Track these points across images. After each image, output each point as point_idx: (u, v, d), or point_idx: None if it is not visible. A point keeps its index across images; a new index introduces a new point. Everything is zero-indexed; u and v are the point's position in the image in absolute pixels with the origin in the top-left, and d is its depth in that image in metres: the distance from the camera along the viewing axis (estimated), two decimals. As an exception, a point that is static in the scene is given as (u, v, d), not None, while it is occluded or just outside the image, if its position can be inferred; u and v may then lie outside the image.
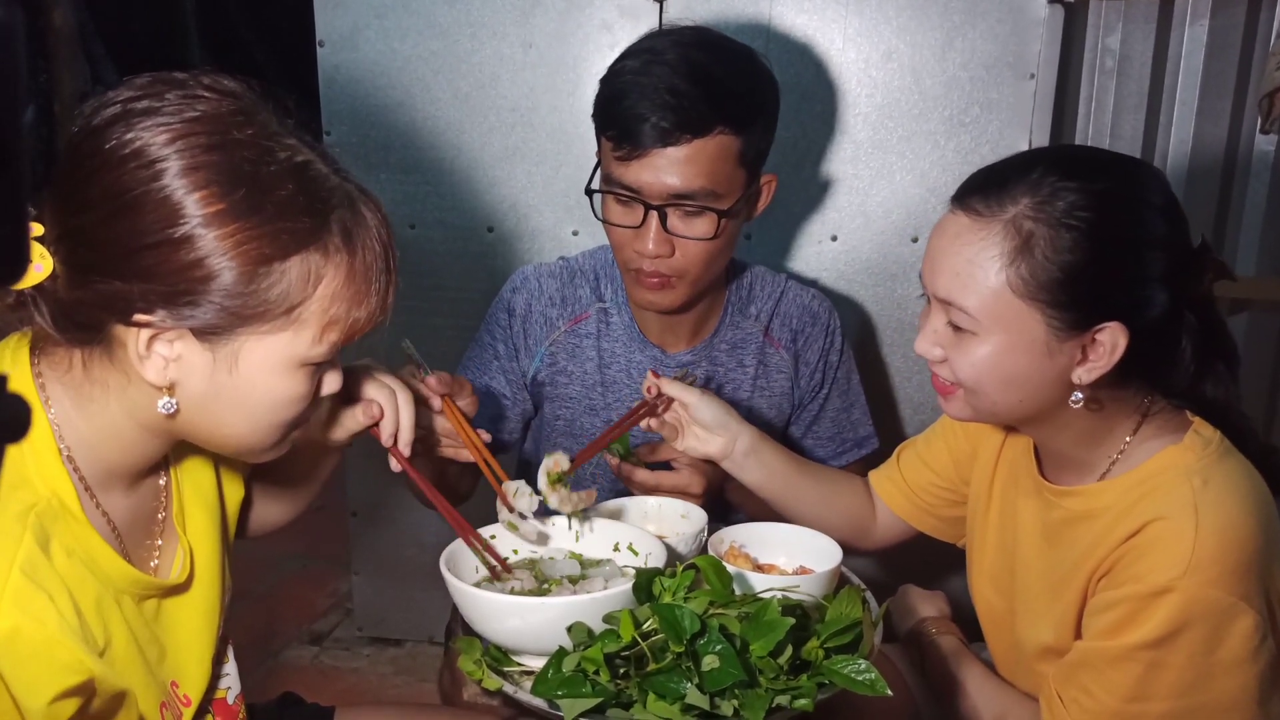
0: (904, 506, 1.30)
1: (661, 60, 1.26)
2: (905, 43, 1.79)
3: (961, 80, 1.79)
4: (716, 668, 0.87)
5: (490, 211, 1.98)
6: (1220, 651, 0.91)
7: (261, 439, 0.88)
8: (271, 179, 0.79)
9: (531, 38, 1.88)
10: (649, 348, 1.48)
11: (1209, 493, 0.94)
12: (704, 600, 0.93)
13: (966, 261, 0.95)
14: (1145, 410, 1.01)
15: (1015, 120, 1.79)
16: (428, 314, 2.04)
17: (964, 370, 0.98)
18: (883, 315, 1.92)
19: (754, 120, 1.31)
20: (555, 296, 1.49)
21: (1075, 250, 0.91)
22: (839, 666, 0.90)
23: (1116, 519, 0.98)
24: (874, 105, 1.83)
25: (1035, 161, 0.96)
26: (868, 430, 1.58)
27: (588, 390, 1.48)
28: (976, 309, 0.95)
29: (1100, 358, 0.94)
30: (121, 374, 0.82)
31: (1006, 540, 1.13)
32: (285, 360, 0.83)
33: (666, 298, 1.36)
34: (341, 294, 0.83)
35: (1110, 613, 0.96)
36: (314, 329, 0.83)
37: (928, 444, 1.29)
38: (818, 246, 1.90)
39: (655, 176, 1.26)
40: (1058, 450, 1.06)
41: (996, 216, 0.94)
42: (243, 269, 0.78)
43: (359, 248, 0.84)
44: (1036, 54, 1.76)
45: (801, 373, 1.52)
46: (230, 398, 0.83)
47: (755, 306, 1.52)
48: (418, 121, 1.95)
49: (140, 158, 0.76)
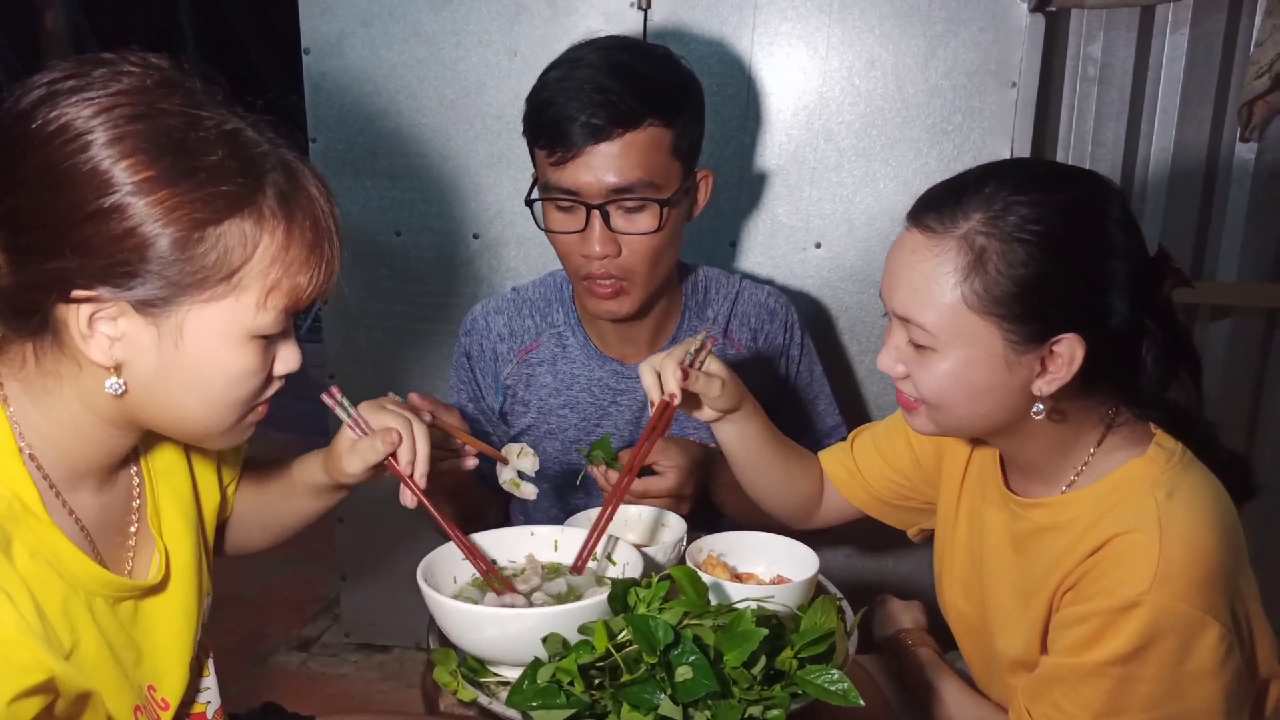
0: (852, 490, 1.30)
1: (585, 64, 1.28)
2: (888, 51, 1.80)
3: (944, 88, 1.80)
4: (690, 678, 0.87)
5: (476, 218, 1.98)
6: (1189, 663, 0.92)
7: (218, 419, 0.86)
8: (200, 144, 0.78)
9: (517, 45, 1.89)
10: (608, 362, 1.48)
11: (1173, 505, 0.94)
12: (679, 611, 0.93)
13: (922, 278, 0.95)
14: (1109, 421, 1.02)
15: (997, 128, 1.80)
16: (414, 320, 2.06)
17: (926, 386, 0.99)
18: (866, 322, 1.93)
19: (681, 110, 1.32)
20: (503, 332, 1.51)
21: (1028, 264, 0.92)
22: (812, 676, 0.91)
23: (1082, 532, 0.99)
24: (857, 113, 1.84)
25: (988, 177, 0.96)
26: (835, 420, 1.58)
27: (544, 416, 1.49)
28: (934, 325, 0.95)
29: (1059, 369, 0.94)
30: (72, 362, 0.82)
31: (975, 550, 1.14)
32: (231, 331, 0.82)
33: (621, 305, 1.36)
34: (281, 258, 0.82)
35: (1078, 628, 0.96)
36: (256, 295, 0.81)
37: (887, 435, 1.29)
38: (802, 254, 1.91)
39: (592, 175, 1.27)
40: (1023, 462, 1.07)
41: (950, 233, 0.94)
42: (177, 235, 0.77)
43: (296, 212, 0.83)
44: (1018, 62, 1.77)
45: (764, 370, 1.53)
46: (180, 376, 0.82)
47: (712, 309, 1.52)
48: (404, 128, 1.95)
49: (66, 132, 0.75)
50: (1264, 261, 2.03)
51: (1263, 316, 2.08)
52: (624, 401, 1.49)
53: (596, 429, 1.48)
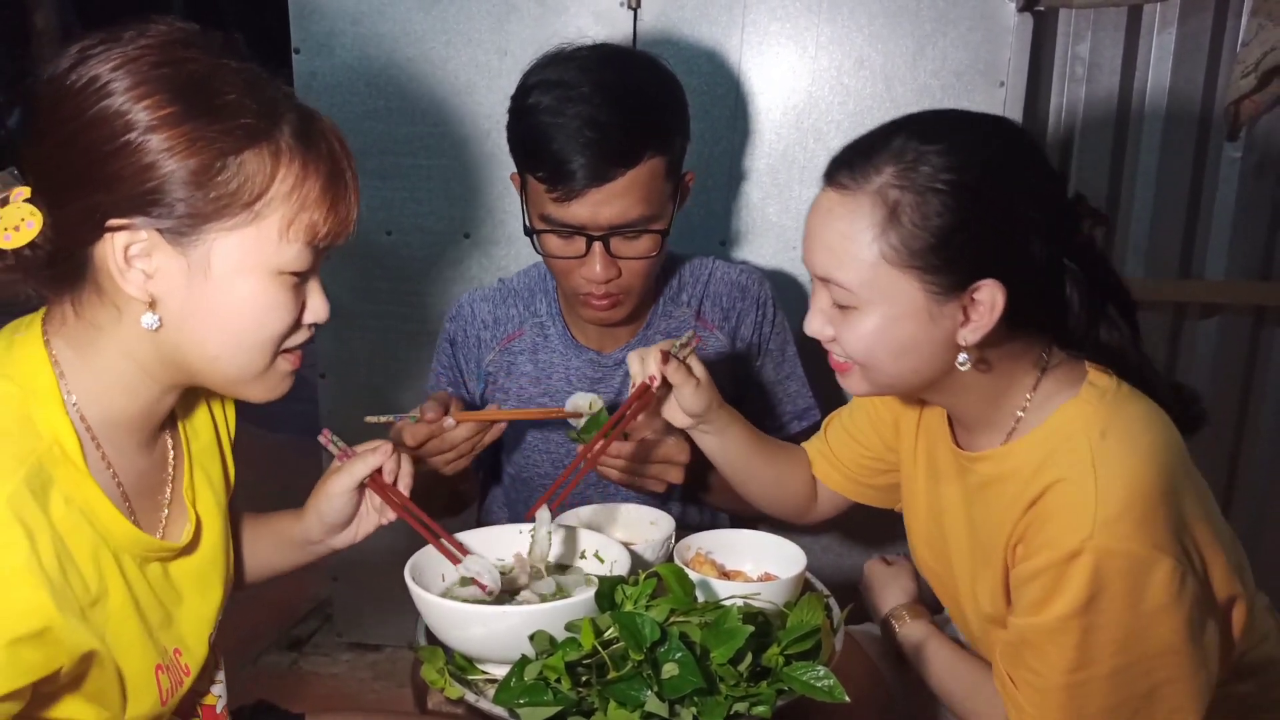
0: (836, 480, 1.30)
1: (575, 94, 1.27)
2: (877, 50, 1.81)
3: (933, 88, 1.81)
4: (676, 675, 0.88)
5: (467, 218, 1.98)
6: (1146, 602, 0.92)
7: (250, 359, 0.90)
8: (219, 85, 0.84)
9: (507, 45, 1.89)
10: (585, 352, 1.50)
11: (1106, 445, 0.94)
12: (665, 608, 0.94)
13: (840, 236, 0.95)
14: (1044, 365, 1.01)
15: (986, 127, 1.80)
16: (405, 319, 2.05)
17: (853, 345, 0.98)
18: (857, 320, 1.93)
19: (674, 134, 1.33)
20: (487, 319, 1.53)
21: (943, 214, 0.91)
22: (798, 673, 0.91)
23: (1024, 482, 0.98)
24: (846, 112, 1.84)
25: (897, 130, 0.96)
26: (808, 401, 1.58)
27: (525, 404, 1.51)
28: (854, 283, 0.95)
29: (981, 316, 0.94)
30: (111, 308, 0.86)
31: (934, 509, 1.14)
32: (257, 262, 0.86)
33: (617, 313, 1.40)
34: (298, 190, 0.86)
35: (1032, 585, 0.96)
36: (276, 225, 0.86)
37: (851, 415, 1.29)
38: (792, 252, 1.91)
39: (594, 211, 1.28)
40: (964, 415, 1.06)
41: (863, 189, 0.94)
42: (199, 163, 0.82)
43: (311, 150, 0.87)
44: (1007, 62, 1.78)
45: (738, 349, 1.53)
46: (211, 308, 0.86)
47: (686, 293, 1.53)
48: (394, 128, 1.95)
49: (94, 84, 0.81)
50: (1251, 259, 2.04)
51: (1250, 314, 2.09)
52: (600, 390, 1.50)
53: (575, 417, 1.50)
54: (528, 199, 1.36)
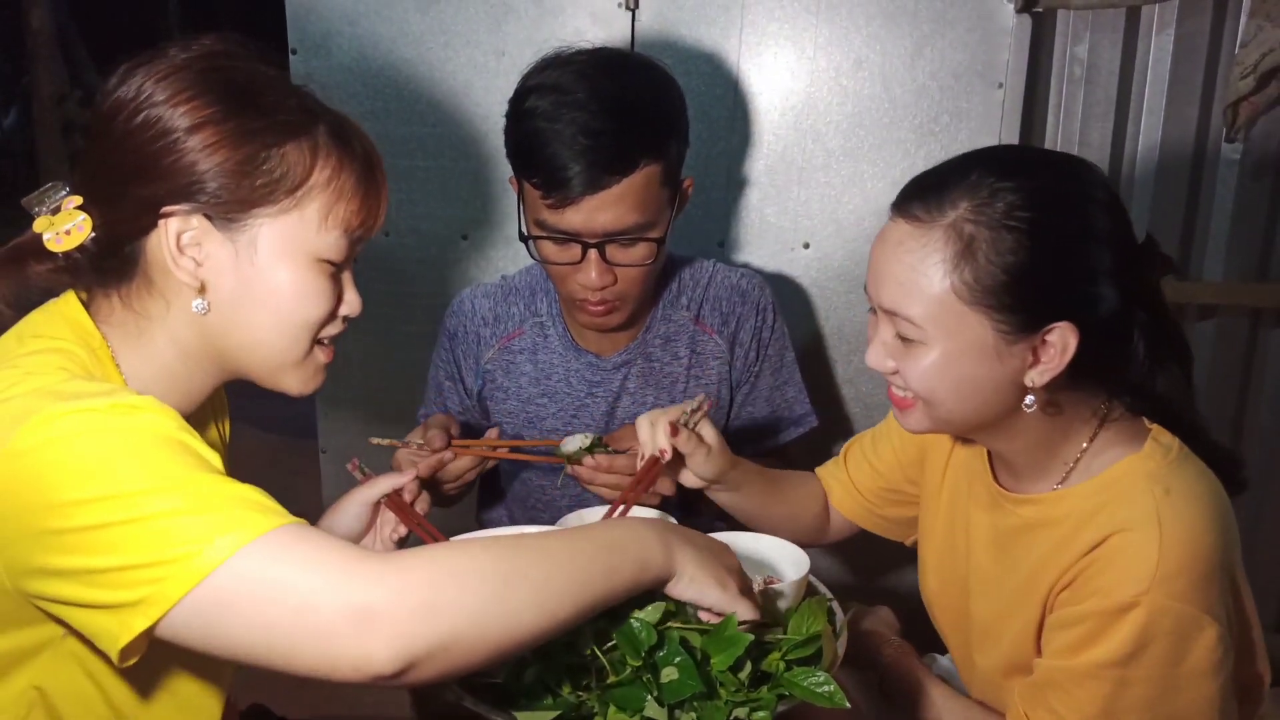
0: (850, 507, 1.30)
1: (571, 100, 1.26)
2: (875, 51, 1.80)
3: (931, 89, 1.80)
4: (675, 679, 0.88)
5: (465, 220, 1.98)
6: (1186, 664, 0.91)
7: (290, 344, 0.95)
8: (260, 87, 0.91)
9: (504, 45, 1.88)
10: (584, 355, 1.50)
11: (1172, 503, 0.93)
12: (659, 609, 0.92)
13: (909, 269, 0.94)
14: (1103, 416, 1.01)
15: (984, 128, 1.80)
16: (402, 322, 2.04)
17: (916, 381, 0.97)
18: (855, 322, 1.93)
19: (671, 141, 1.32)
20: (488, 316, 1.52)
21: (1018, 251, 0.90)
22: (799, 679, 0.90)
23: (1075, 529, 0.97)
24: (845, 113, 1.84)
25: (972, 164, 0.95)
26: (804, 408, 1.57)
27: (524, 404, 1.50)
28: (922, 318, 0.94)
29: (1051, 359, 0.93)
30: (160, 299, 0.92)
31: (958, 546, 1.14)
32: (298, 248, 0.92)
33: (613, 319, 1.40)
34: (335, 183, 0.93)
35: (1074, 629, 0.95)
36: (316, 213, 0.92)
37: (874, 444, 1.29)
38: (790, 254, 1.91)
39: (589, 219, 1.27)
40: (1013, 457, 1.05)
41: (936, 222, 0.93)
42: (246, 153, 0.89)
43: (347, 147, 0.95)
44: (1005, 63, 1.78)
45: (736, 354, 1.52)
46: (256, 292, 0.92)
47: (685, 296, 1.52)
48: (391, 129, 1.94)
49: (141, 93, 0.88)
50: (1249, 261, 2.03)
51: (1248, 316, 2.09)
52: (599, 394, 1.49)
53: (573, 420, 1.50)
54: (524, 203, 1.35)
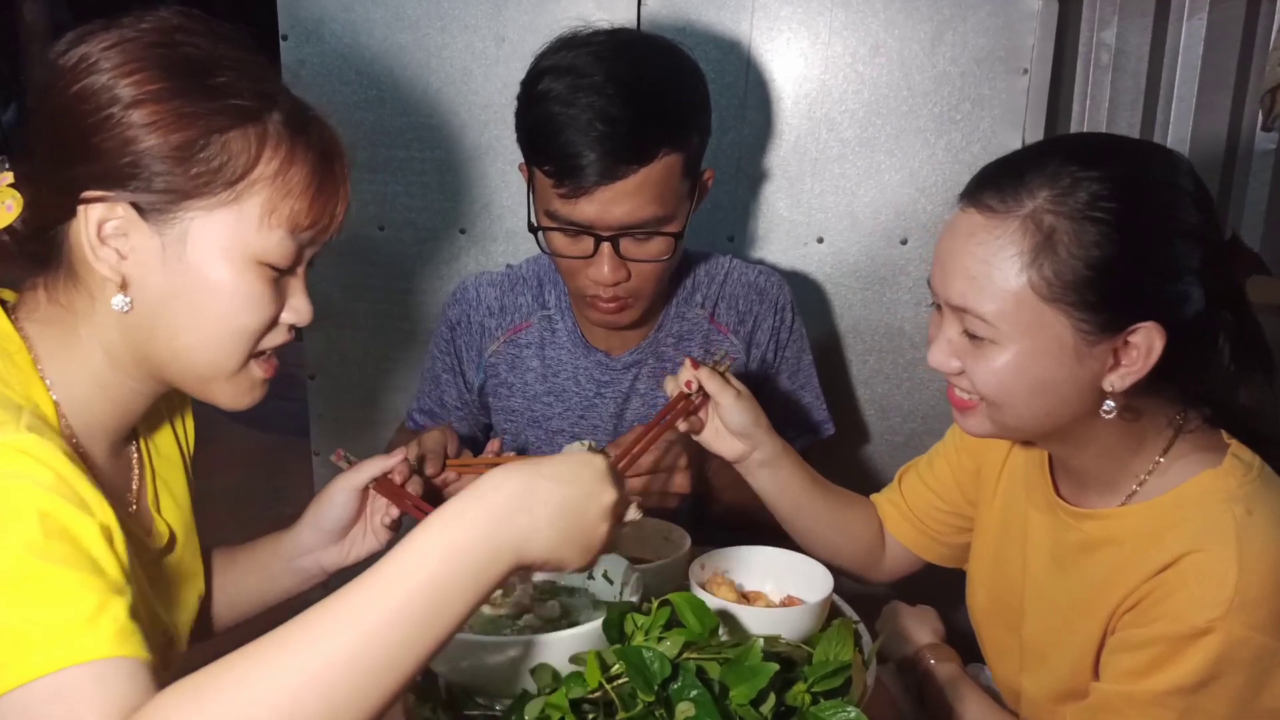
0: (909, 534, 1.22)
1: (587, 83, 1.17)
2: (893, 36, 1.72)
3: (952, 75, 1.72)
4: (691, 716, 0.80)
5: (463, 213, 1.90)
6: (1260, 700, 0.84)
7: (224, 354, 0.85)
8: (214, 67, 0.82)
9: (505, 31, 1.80)
10: (594, 352, 1.43)
11: (1254, 524, 0.85)
12: (679, 641, 0.85)
13: (981, 262, 0.87)
14: (1178, 427, 0.93)
15: (1008, 117, 1.72)
16: (398, 319, 1.97)
17: (985, 382, 0.90)
18: (870, 320, 1.85)
19: (693, 129, 1.25)
20: (494, 306, 1.45)
21: (1102, 244, 0.83)
22: (826, 714, 0.83)
23: (1144, 547, 0.90)
24: (861, 101, 1.76)
25: (1051, 151, 0.89)
26: (821, 414, 1.50)
27: (530, 402, 1.42)
28: (995, 314, 0.87)
29: (1134, 362, 0.86)
30: (86, 295, 0.83)
31: (1012, 561, 1.06)
32: (234, 247, 0.82)
33: (624, 317, 1.32)
34: (282, 176, 0.83)
35: (1138, 653, 0.88)
36: (257, 211, 0.82)
37: (930, 465, 1.21)
38: (803, 249, 1.83)
39: (603, 210, 1.19)
40: (1079, 468, 0.98)
41: (1013, 212, 0.86)
42: (184, 138, 0.79)
43: (301, 138, 0.85)
44: (1030, 48, 1.69)
45: (753, 355, 1.45)
46: (184, 295, 0.82)
47: (700, 293, 1.45)
48: (386, 119, 1.87)
49: (84, 60, 0.80)
50: (1282, 256, 1.96)
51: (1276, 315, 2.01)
52: (608, 394, 1.42)
53: (580, 421, 1.42)
54: (534, 192, 1.27)
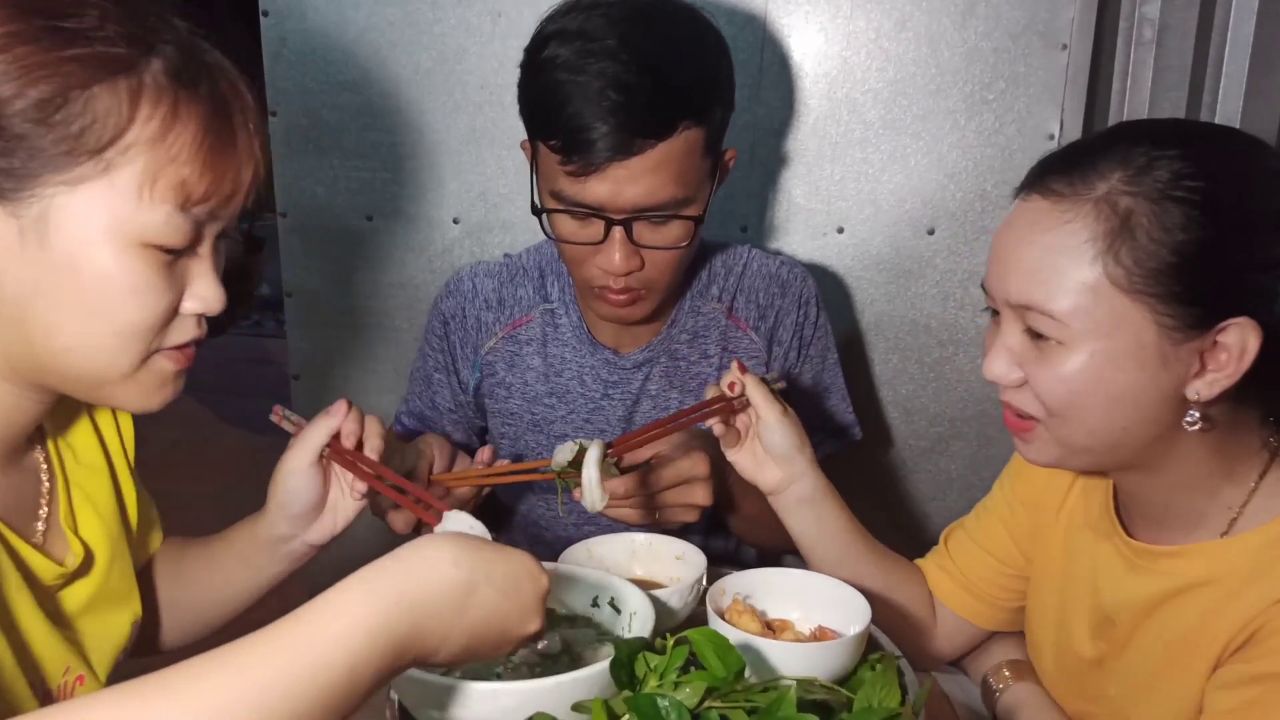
0: (965, 602, 1.08)
1: (599, 48, 1.06)
2: (921, 9, 1.60)
3: (984, 51, 1.60)
4: (717, 778, 0.68)
5: (456, 200, 1.79)
6: None
7: (112, 353, 0.73)
8: (73, 4, 0.69)
9: (501, 6, 1.69)
10: (600, 350, 1.31)
11: None
12: (699, 687, 0.73)
13: (1047, 252, 0.77)
14: (1273, 450, 0.82)
15: (1045, 96, 1.60)
16: (388, 314, 1.86)
17: (1051, 389, 0.79)
18: (894, 317, 1.73)
19: (716, 101, 1.13)
20: (491, 298, 1.33)
21: (1189, 227, 0.74)
22: (875, 774, 0.71)
23: (1246, 582, 0.79)
24: (885, 80, 1.63)
25: (1117, 136, 0.80)
26: (848, 418, 1.39)
27: (530, 404, 1.31)
28: (1065, 311, 0.76)
29: (1225, 365, 0.76)
30: None
31: (1078, 619, 0.93)
32: (110, 228, 0.70)
33: (636, 311, 1.20)
34: (162, 139, 0.70)
35: (1242, 690, 0.77)
36: (133, 182, 0.70)
37: (979, 523, 1.08)
38: (822, 239, 1.71)
39: (616, 190, 1.07)
40: (1158, 500, 0.86)
41: (1083, 195, 0.76)
42: (35, 96, 0.67)
43: (188, 92, 0.72)
44: (1069, 21, 1.57)
45: (774, 353, 1.34)
46: (53, 285, 0.70)
47: (717, 286, 1.34)
48: (374, 100, 1.75)
49: None
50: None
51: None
52: (616, 395, 1.30)
53: (585, 424, 1.30)
54: (538, 171, 1.15)
